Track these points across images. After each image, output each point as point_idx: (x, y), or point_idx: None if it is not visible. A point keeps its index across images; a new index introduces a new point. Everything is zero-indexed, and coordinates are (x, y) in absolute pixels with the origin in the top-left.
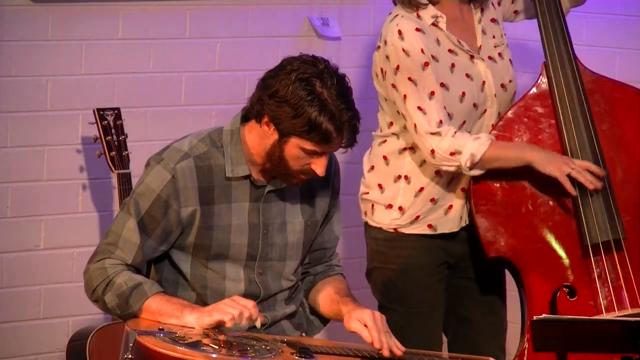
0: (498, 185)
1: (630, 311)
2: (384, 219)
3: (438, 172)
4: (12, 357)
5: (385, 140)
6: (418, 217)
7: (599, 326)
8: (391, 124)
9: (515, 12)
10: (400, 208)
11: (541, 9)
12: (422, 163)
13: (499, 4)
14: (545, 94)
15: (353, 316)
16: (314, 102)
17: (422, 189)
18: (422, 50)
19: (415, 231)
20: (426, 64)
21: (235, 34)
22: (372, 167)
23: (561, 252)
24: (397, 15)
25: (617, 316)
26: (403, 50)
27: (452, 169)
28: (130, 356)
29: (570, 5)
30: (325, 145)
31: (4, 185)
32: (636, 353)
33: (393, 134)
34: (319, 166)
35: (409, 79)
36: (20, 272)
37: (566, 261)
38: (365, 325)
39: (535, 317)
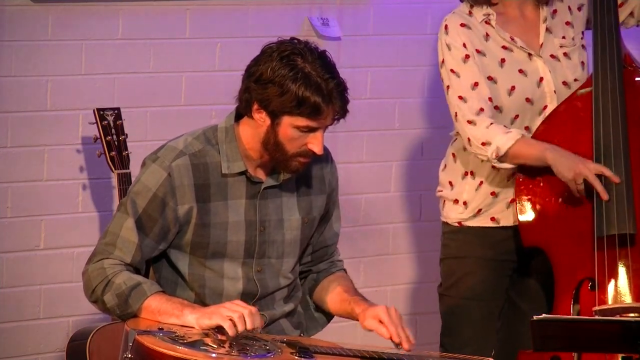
0: (539, 177)
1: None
2: (450, 214)
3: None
4: (12, 357)
5: (456, 139)
6: (480, 210)
7: (599, 326)
8: None
9: (632, 14)
10: (464, 203)
11: (595, 21)
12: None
13: (578, 9)
14: (589, 94)
15: (368, 315)
16: (298, 76)
17: (481, 182)
18: (464, 44)
19: (478, 224)
20: (467, 57)
21: (235, 34)
22: (445, 166)
23: (586, 245)
24: (452, 12)
25: (615, 307)
26: (446, 44)
27: (484, 158)
28: (130, 356)
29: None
30: (317, 118)
31: (4, 185)
32: (636, 353)
33: (458, 132)
34: (315, 144)
35: (451, 70)
36: (20, 272)
37: (589, 254)
38: (381, 322)
39: (535, 317)
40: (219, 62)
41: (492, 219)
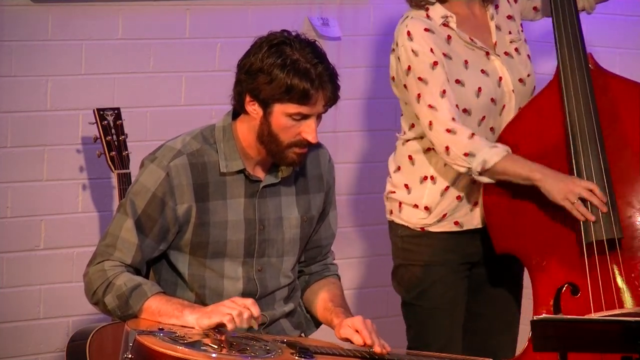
0: (508, 182)
1: (626, 309)
2: (411, 218)
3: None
4: (12, 357)
5: (409, 141)
6: (445, 215)
7: (599, 326)
8: (412, 125)
9: (535, 8)
10: (426, 208)
11: (555, 8)
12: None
13: (515, 0)
14: (556, 94)
15: (344, 323)
16: (286, 62)
17: (447, 187)
18: (431, 49)
19: (442, 229)
20: (435, 63)
21: (235, 34)
22: (399, 168)
23: (565, 250)
24: (407, 17)
25: (615, 314)
26: (412, 50)
27: (463, 169)
28: (130, 356)
29: (595, 2)
30: (307, 104)
31: (4, 185)
32: (636, 353)
33: (415, 136)
34: (309, 132)
35: (419, 78)
36: (20, 272)
37: (570, 259)
38: (356, 331)
39: (535, 317)
40: (219, 62)
41: (456, 223)
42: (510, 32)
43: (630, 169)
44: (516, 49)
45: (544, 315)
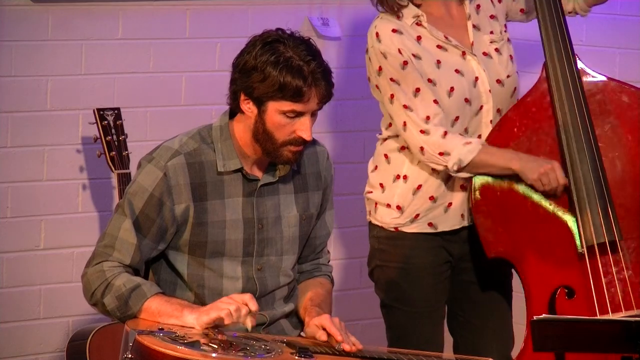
0: (498, 185)
1: (624, 313)
2: (385, 218)
3: (436, 169)
4: (12, 357)
5: (386, 140)
6: (417, 215)
7: (599, 326)
8: (390, 125)
9: (522, 10)
10: (398, 207)
11: (541, 9)
12: (420, 161)
13: (499, 0)
14: (545, 94)
15: (311, 323)
16: (279, 60)
17: (420, 186)
18: (399, 50)
19: (416, 230)
20: (405, 63)
21: (235, 34)
22: (376, 167)
23: (560, 253)
24: (377, 17)
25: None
26: (381, 52)
27: (440, 167)
28: (130, 356)
29: (587, 5)
30: (300, 101)
31: (4, 185)
32: (636, 353)
33: (390, 135)
34: (303, 130)
35: (391, 79)
36: (20, 272)
37: (565, 262)
38: (323, 329)
39: (535, 317)
40: (219, 62)
41: (430, 224)
42: (491, 32)
43: (625, 169)
44: (497, 49)
45: (544, 316)
